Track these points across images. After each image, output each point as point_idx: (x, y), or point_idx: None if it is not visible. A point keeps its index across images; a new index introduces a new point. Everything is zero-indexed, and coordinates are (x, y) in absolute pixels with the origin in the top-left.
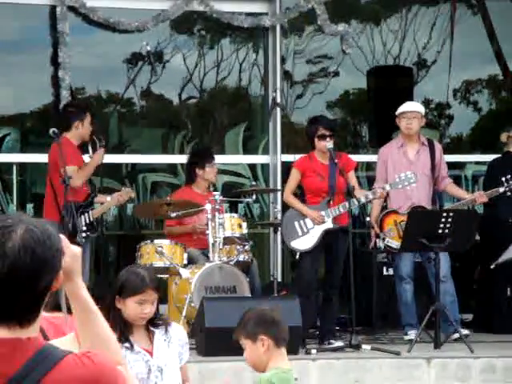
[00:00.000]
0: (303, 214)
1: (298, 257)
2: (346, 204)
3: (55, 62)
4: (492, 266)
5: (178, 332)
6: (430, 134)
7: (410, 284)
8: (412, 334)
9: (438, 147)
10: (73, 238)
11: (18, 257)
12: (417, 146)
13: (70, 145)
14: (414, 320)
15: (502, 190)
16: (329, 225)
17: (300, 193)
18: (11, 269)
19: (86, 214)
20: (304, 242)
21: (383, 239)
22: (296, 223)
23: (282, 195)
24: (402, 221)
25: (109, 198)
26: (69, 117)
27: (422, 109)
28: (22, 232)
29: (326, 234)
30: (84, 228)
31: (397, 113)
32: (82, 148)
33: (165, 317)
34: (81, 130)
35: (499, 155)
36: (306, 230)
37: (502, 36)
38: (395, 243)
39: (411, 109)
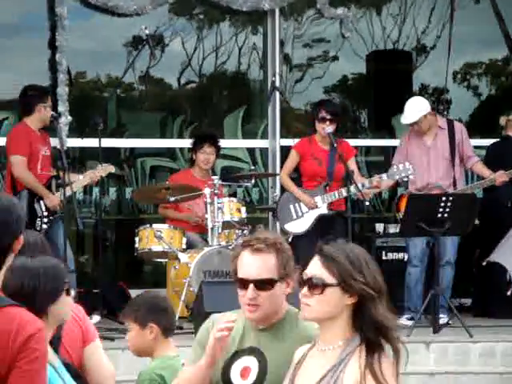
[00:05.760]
0: (296, 196)
1: (290, 240)
2: (343, 190)
3: (53, 45)
4: (484, 263)
5: None
6: None
7: (416, 268)
8: (403, 319)
9: (459, 127)
10: (31, 226)
11: None
12: (434, 131)
13: (25, 132)
14: (413, 304)
15: None
16: (323, 210)
17: (297, 176)
18: None
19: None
20: (297, 226)
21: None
22: (291, 206)
23: None
24: None
25: (81, 177)
26: (31, 100)
27: (423, 110)
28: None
29: (322, 219)
30: (45, 213)
31: (405, 124)
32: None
33: None
34: (43, 113)
35: (498, 139)
36: (300, 214)
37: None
38: None
39: (413, 120)
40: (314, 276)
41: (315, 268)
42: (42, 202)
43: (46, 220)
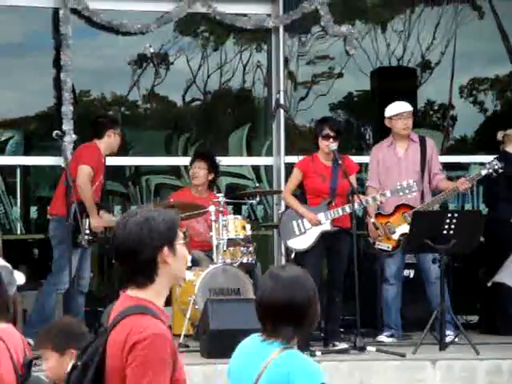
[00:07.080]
0: (299, 214)
1: (292, 256)
2: (346, 207)
3: (58, 64)
4: (489, 284)
5: None
6: (434, 135)
7: (392, 285)
8: (383, 337)
9: (430, 144)
10: (75, 238)
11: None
12: (406, 143)
13: (96, 149)
14: (392, 321)
15: (484, 172)
16: (326, 227)
17: (300, 193)
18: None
19: (88, 220)
20: (300, 242)
21: (373, 243)
22: (294, 222)
23: None
24: (388, 222)
25: (113, 218)
26: (103, 124)
27: (410, 107)
28: (134, 219)
29: (327, 235)
30: (87, 231)
31: (391, 114)
32: None
33: None
34: (113, 139)
35: (497, 156)
36: (303, 230)
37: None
38: (385, 245)
39: (407, 109)
40: None
41: None
42: (88, 220)
43: (86, 238)
